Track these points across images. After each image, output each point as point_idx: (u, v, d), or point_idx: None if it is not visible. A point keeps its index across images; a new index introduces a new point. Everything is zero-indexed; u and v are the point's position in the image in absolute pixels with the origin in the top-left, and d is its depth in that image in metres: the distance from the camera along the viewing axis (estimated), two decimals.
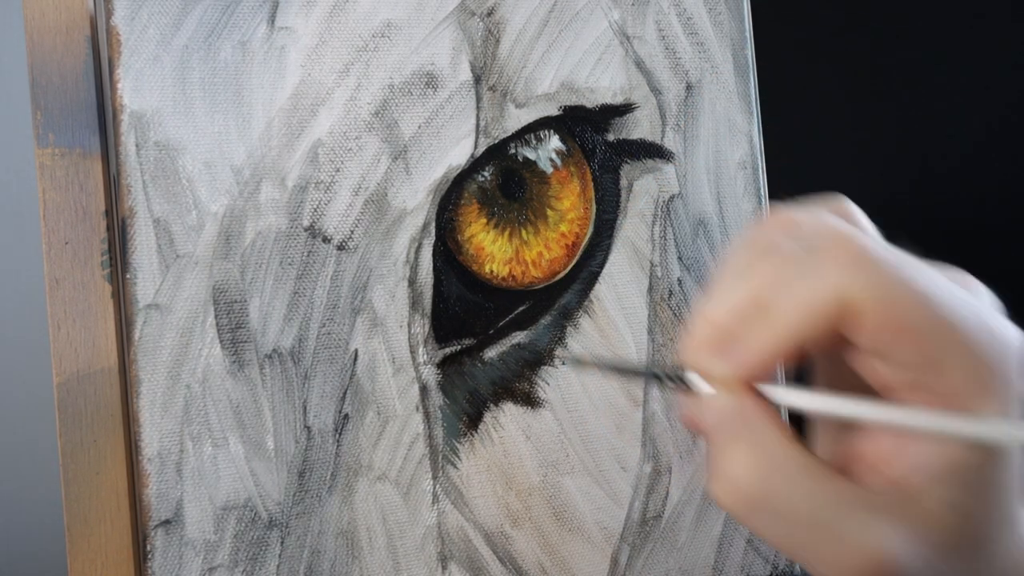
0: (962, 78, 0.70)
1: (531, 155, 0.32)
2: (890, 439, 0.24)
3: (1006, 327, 0.24)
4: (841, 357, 0.26)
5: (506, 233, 0.32)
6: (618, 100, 0.33)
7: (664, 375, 0.26)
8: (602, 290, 0.33)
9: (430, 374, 0.31)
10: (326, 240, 0.29)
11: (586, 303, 0.32)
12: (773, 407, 0.25)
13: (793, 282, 0.24)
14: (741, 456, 0.24)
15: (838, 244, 0.23)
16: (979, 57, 0.70)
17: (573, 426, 0.32)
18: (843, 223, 0.25)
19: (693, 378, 0.26)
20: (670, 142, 0.34)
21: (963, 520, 0.23)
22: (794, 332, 0.24)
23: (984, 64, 0.69)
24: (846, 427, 0.27)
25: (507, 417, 0.31)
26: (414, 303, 0.30)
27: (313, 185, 0.29)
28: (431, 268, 0.31)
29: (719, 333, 0.25)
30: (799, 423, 0.29)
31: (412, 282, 0.30)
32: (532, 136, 0.32)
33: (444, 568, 0.30)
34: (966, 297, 0.24)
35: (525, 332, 0.32)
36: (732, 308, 0.25)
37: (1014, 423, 0.23)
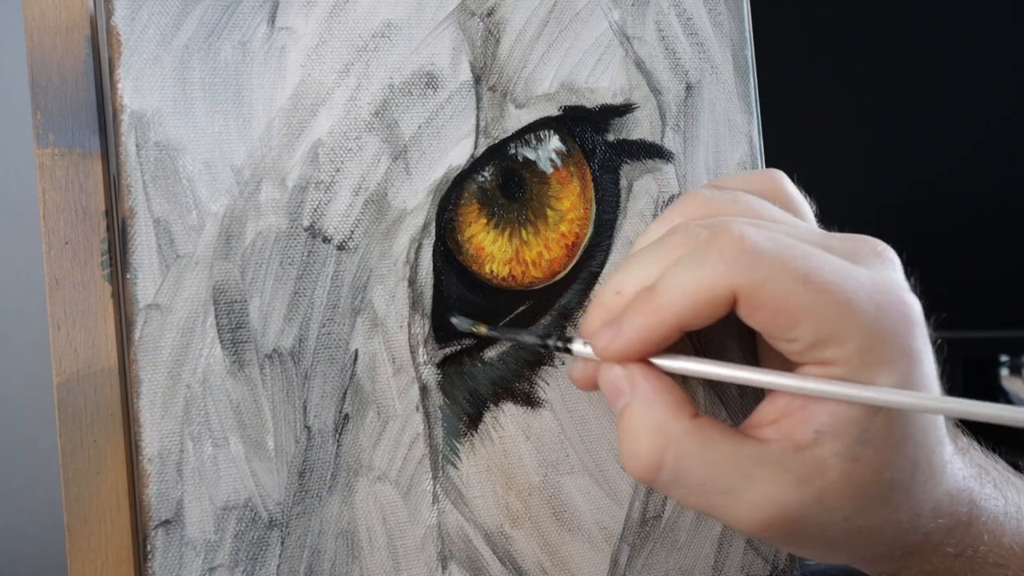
0: (962, 78, 0.70)
1: (531, 155, 0.32)
2: (795, 402, 0.25)
3: (901, 299, 0.25)
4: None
5: (506, 233, 0.32)
6: (618, 100, 0.33)
7: (554, 344, 0.28)
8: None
9: (430, 374, 0.31)
10: (326, 240, 0.29)
11: (586, 303, 0.32)
12: (668, 379, 0.26)
13: (680, 270, 0.25)
14: (639, 431, 0.25)
15: (726, 237, 0.24)
16: (980, 57, 0.70)
17: (573, 426, 0.32)
18: (752, 204, 0.27)
19: (584, 349, 0.27)
20: (670, 142, 0.34)
21: (863, 470, 0.24)
22: (676, 316, 0.25)
23: (985, 64, 0.69)
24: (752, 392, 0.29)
25: (507, 417, 0.31)
26: (414, 303, 0.30)
27: (313, 185, 0.29)
28: (431, 268, 0.31)
29: (610, 312, 0.27)
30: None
31: (412, 282, 0.30)
32: (532, 136, 0.32)
33: (444, 568, 0.30)
34: (857, 274, 0.24)
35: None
36: (624, 289, 0.27)
37: (908, 392, 0.24)
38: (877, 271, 0.25)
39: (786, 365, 0.26)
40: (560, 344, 0.28)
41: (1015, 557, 0.28)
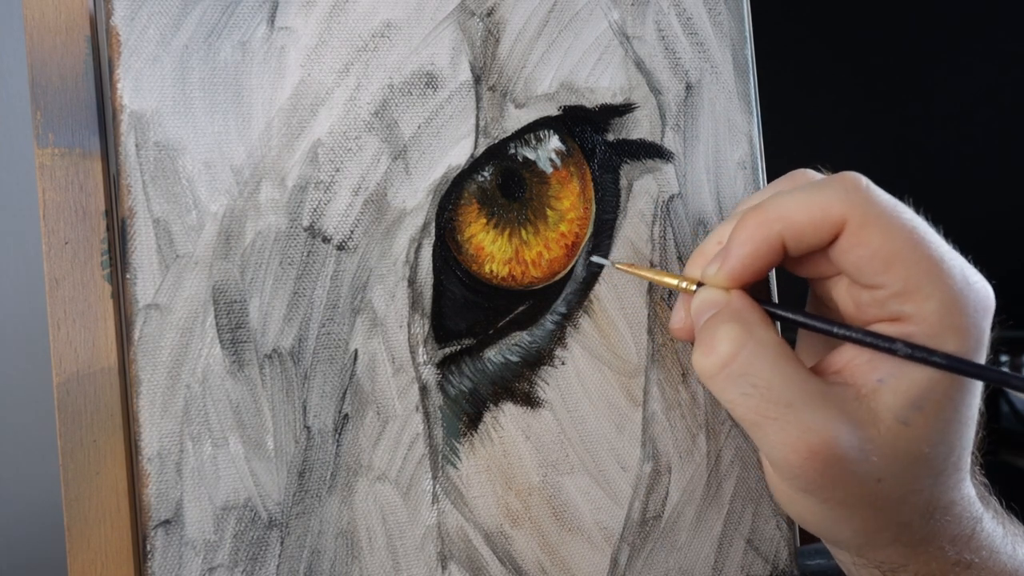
0: (963, 77, 0.70)
1: (531, 155, 0.32)
2: (862, 355, 0.26)
3: (985, 283, 0.26)
4: (823, 292, 0.29)
5: (506, 233, 0.32)
6: (618, 100, 0.33)
7: (693, 288, 0.29)
8: (602, 290, 0.33)
9: (430, 374, 0.31)
10: (326, 240, 0.29)
11: (586, 303, 0.32)
12: (760, 307, 0.27)
13: (794, 192, 0.26)
14: (730, 332, 0.26)
15: (844, 175, 0.26)
16: (980, 56, 0.70)
17: (573, 426, 0.32)
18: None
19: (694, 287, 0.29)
20: (670, 142, 0.34)
21: (909, 435, 0.25)
22: (781, 228, 0.26)
23: (985, 63, 0.69)
24: (827, 343, 0.30)
25: (507, 417, 0.31)
26: (414, 303, 0.30)
27: (313, 185, 0.29)
28: (431, 268, 0.31)
29: (709, 258, 0.29)
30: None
31: (412, 282, 0.30)
32: (532, 136, 0.32)
33: (444, 568, 0.30)
34: (952, 250, 0.26)
35: (525, 332, 0.32)
36: (726, 239, 0.28)
37: (971, 361, 0.25)
38: (969, 265, 0.27)
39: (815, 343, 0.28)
40: (684, 286, 0.29)
41: None
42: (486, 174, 0.32)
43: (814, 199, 0.26)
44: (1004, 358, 0.91)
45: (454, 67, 0.31)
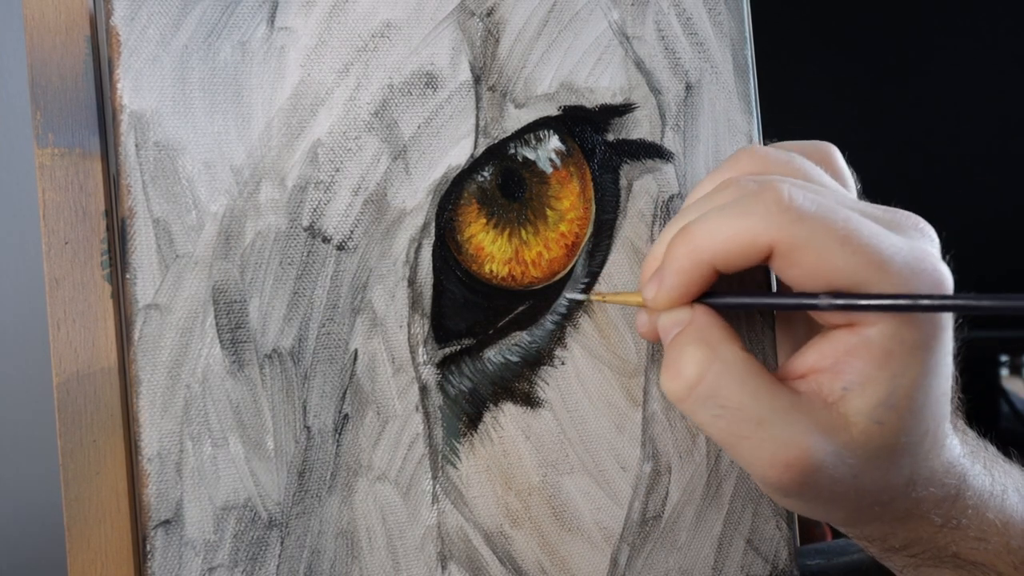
0: (963, 77, 0.70)
1: (531, 155, 0.32)
2: (824, 361, 0.26)
3: (935, 267, 0.26)
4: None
5: (506, 233, 0.32)
6: (618, 100, 0.33)
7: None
8: (602, 290, 0.33)
9: (430, 374, 0.31)
10: (326, 240, 0.29)
11: (586, 303, 0.32)
12: (720, 315, 0.27)
13: (720, 215, 0.26)
14: (695, 355, 0.26)
15: (773, 193, 0.25)
16: (981, 56, 0.69)
17: (573, 426, 0.32)
18: (805, 167, 0.28)
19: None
20: (670, 142, 0.34)
21: (884, 433, 0.25)
22: (710, 256, 0.26)
23: (986, 63, 0.69)
24: (798, 335, 0.30)
25: (507, 417, 0.31)
26: (414, 303, 0.30)
27: (313, 185, 0.29)
28: (431, 268, 0.31)
29: (658, 260, 0.28)
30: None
31: (412, 282, 0.30)
32: (532, 136, 0.32)
33: (444, 568, 0.30)
34: (894, 239, 0.25)
35: (525, 332, 0.32)
36: (664, 240, 0.28)
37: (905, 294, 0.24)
38: (915, 241, 0.26)
39: (810, 328, 0.28)
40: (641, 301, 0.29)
41: (996, 532, 0.29)
42: (486, 174, 0.32)
43: (738, 226, 0.25)
44: (1004, 358, 0.91)
45: (454, 67, 0.31)
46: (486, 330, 0.31)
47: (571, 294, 0.32)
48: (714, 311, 0.27)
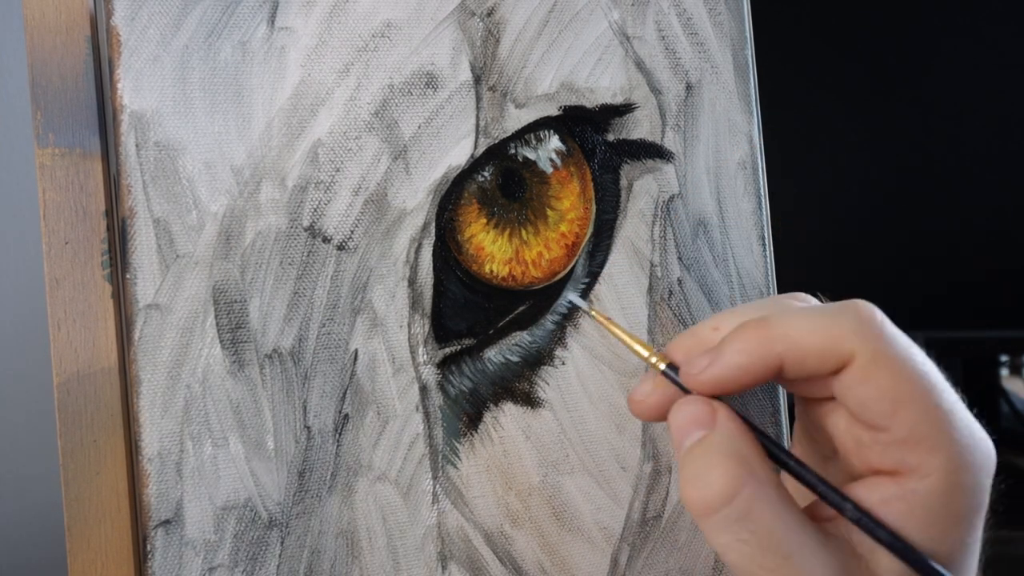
0: (963, 77, 0.70)
1: (531, 155, 0.32)
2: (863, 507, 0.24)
3: (988, 438, 0.24)
4: (817, 417, 0.27)
5: (506, 233, 0.32)
6: (618, 100, 0.33)
7: (661, 367, 0.27)
8: (602, 290, 0.33)
9: (430, 374, 0.31)
10: (326, 240, 0.29)
11: (586, 303, 0.32)
12: (753, 434, 0.25)
13: (803, 312, 0.24)
14: (729, 468, 0.23)
15: (857, 305, 0.24)
16: (981, 56, 0.69)
17: (573, 426, 0.32)
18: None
19: (675, 375, 0.26)
20: (670, 142, 0.34)
21: None
22: (783, 348, 0.24)
23: (986, 63, 0.69)
24: (827, 455, 0.27)
25: (507, 417, 0.31)
26: (414, 303, 0.30)
27: (313, 185, 0.29)
28: (431, 268, 0.31)
29: (703, 344, 0.26)
30: None
31: (412, 282, 0.30)
32: (532, 136, 0.32)
33: (444, 568, 0.30)
34: (960, 400, 0.24)
35: (525, 332, 0.32)
36: (723, 325, 0.26)
37: (919, 554, 0.23)
38: (974, 420, 0.25)
39: (843, 470, 0.25)
40: (655, 361, 0.27)
41: None
42: (486, 174, 0.32)
43: (824, 325, 0.24)
44: (1004, 358, 0.91)
45: (454, 67, 0.31)
46: (486, 330, 0.31)
47: (574, 298, 0.31)
48: (740, 419, 0.25)
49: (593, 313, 0.30)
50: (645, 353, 0.27)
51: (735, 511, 0.23)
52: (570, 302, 0.32)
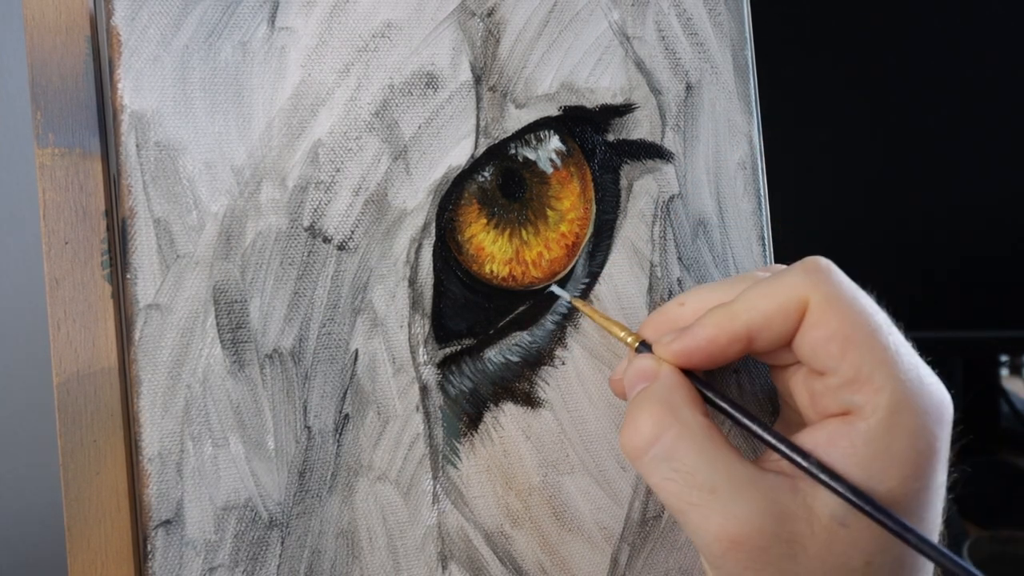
0: (963, 76, 0.70)
1: (531, 155, 0.32)
2: (809, 445, 0.25)
3: (939, 384, 0.25)
4: (781, 383, 0.29)
5: (506, 233, 0.32)
6: (618, 100, 0.33)
7: (635, 345, 0.29)
8: (602, 290, 0.33)
9: (430, 374, 0.31)
10: (326, 240, 0.29)
11: (567, 293, 0.32)
12: (691, 385, 0.27)
13: (760, 285, 0.26)
14: (654, 413, 0.25)
15: (806, 260, 0.26)
16: (981, 55, 0.70)
17: (573, 426, 0.32)
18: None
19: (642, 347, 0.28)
20: (670, 142, 0.34)
21: (845, 539, 0.24)
22: (747, 320, 0.26)
23: (985, 62, 0.69)
24: (798, 422, 0.29)
25: (507, 417, 0.31)
26: (414, 303, 0.30)
27: (313, 185, 0.29)
28: (431, 268, 0.31)
29: (672, 320, 0.28)
30: None
31: (412, 282, 0.30)
32: (532, 136, 0.32)
33: (444, 568, 0.30)
34: (907, 343, 0.25)
35: (526, 332, 0.32)
36: (688, 302, 0.28)
37: (879, 504, 0.23)
38: (924, 364, 0.25)
39: (789, 424, 0.27)
40: (630, 340, 0.29)
41: None
42: (486, 174, 0.32)
43: (779, 285, 0.25)
44: (1004, 358, 0.91)
45: (454, 67, 0.31)
46: (486, 330, 0.31)
47: (559, 291, 0.32)
48: (683, 375, 0.27)
49: (571, 300, 0.32)
50: (621, 333, 0.29)
51: (660, 451, 0.25)
52: (550, 292, 0.32)
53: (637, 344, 0.29)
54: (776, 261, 0.36)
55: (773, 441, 0.25)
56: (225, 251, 0.28)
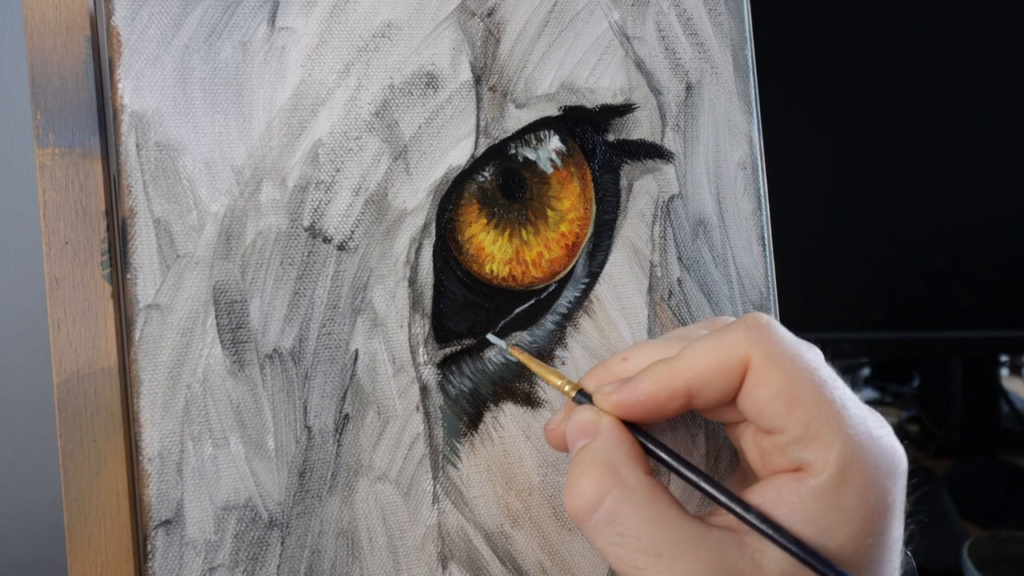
0: (963, 76, 0.70)
1: (531, 155, 0.32)
2: (756, 500, 0.24)
3: (891, 436, 0.24)
4: (733, 439, 0.28)
5: (506, 233, 0.32)
6: (618, 100, 0.33)
7: (573, 394, 0.28)
8: (602, 290, 0.33)
9: (430, 374, 0.31)
10: (326, 240, 0.29)
11: (586, 303, 0.32)
12: (633, 437, 0.26)
13: (702, 340, 0.26)
14: (595, 476, 0.25)
15: (747, 317, 0.25)
16: (980, 55, 0.70)
17: None
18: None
19: (582, 398, 0.28)
20: (670, 142, 0.34)
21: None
22: (688, 377, 0.25)
23: (984, 62, 0.69)
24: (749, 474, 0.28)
25: (507, 417, 0.31)
26: (414, 303, 0.30)
27: (313, 185, 0.29)
28: (431, 268, 0.31)
29: (614, 374, 0.28)
30: None
31: (412, 282, 0.30)
32: (532, 136, 0.32)
33: (444, 568, 0.30)
34: (858, 401, 0.25)
35: (526, 332, 0.32)
36: (632, 356, 0.28)
37: (820, 556, 0.23)
38: (875, 415, 0.25)
39: (745, 477, 0.26)
40: (567, 389, 0.29)
41: None
42: (486, 174, 0.32)
43: (719, 343, 0.25)
44: (1004, 358, 0.91)
45: (455, 67, 0.31)
46: (487, 330, 0.31)
47: (494, 339, 0.31)
48: (625, 429, 0.26)
49: (508, 348, 0.31)
50: (559, 382, 0.29)
51: (603, 516, 0.24)
52: (487, 339, 0.31)
53: (575, 393, 0.28)
54: (776, 261, 0.36)
55: (716, 493, 0.24)
56: (225, 251, 0.28)
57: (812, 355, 0.25)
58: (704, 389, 0.25)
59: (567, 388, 0.28)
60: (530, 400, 0.32)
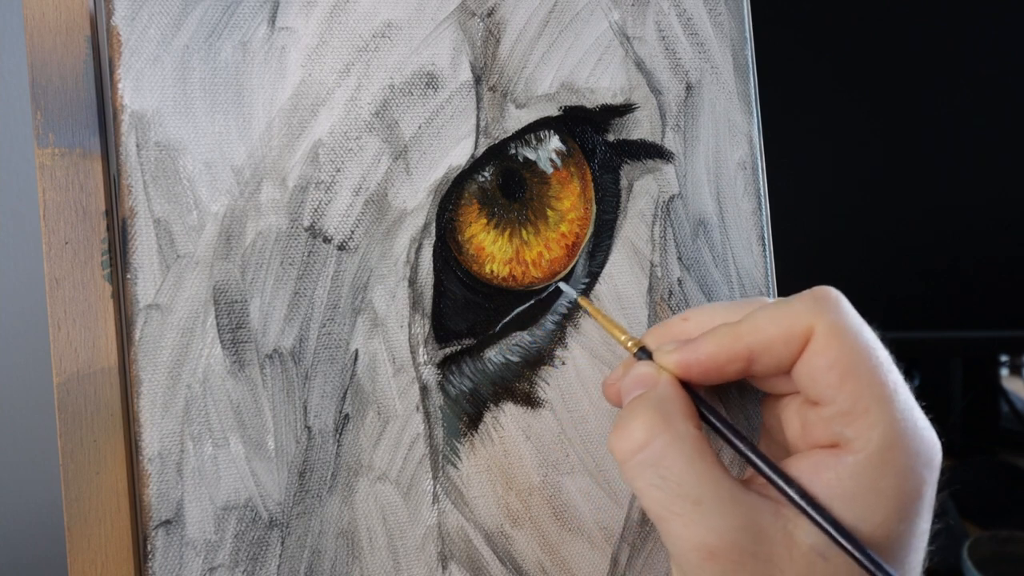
0: (963, 76, 0.70)
1: (531, 155, 0.32)
2: (794, 472, 0.25)
3: (931, 430, 0.25)
4: (773, 413, 0.29)
5: (506, 233, 0.32)
6: (618, 100, 0.33)
7: (635, 345, 0.29)
8: (602, 290, 0.33)
9: (430, 374, 0.31)
10: (327, 240, 0.29)
11: (575, 291, 0.32)
12: (687, 397, 0.27)
13: (768, 307, 0.26)
14: (647, 419, 0.25)
15: (819, 289, 0.26)
16: (980, 55, 0.70)
17: (573, 426, 0.32)
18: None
19: (642, 354, 0.28)
20: (670, 142, 0.34)
21: (826, 571, 0.24)
22: (750, 341, 0.26)
23: (984, 62, 0.69)
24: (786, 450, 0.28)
25: (507, 417, 0.31)
26: (414, 303, 0.30)
27: (313, 185, 0.29)
28: (431, 268, 0.31)
29: (674, 334, 0.28)
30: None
31: (412, 282, 0.30)
32: (532, 136, 0.32)
33: (444, 568, 0.30)
34: (906, 386, 0.25)
35: (526, 332, 0.32)
36: (692, 316, 0.29)
37: (858, 542, 0.23)
38: (920, 408, 0.25)
39: (774, 455, 0.27)
40: (630, 344, 0.29)
41: None
42: (487, 174, 0.32)
43: (785, 311, 0.25)
44: (1004, 358, 0.91)
45: (455, 67, 0.31)
46: (487, 330, 0.31)
47: (565, 288, 0.32)
48: (680, 386, 0.27)
49: (578, 298, 0.32)
50: (622, 337, 0.29)
51: (648, 456, 0.25)
52: (556, 288, 0.32)
53: (637, 350, 0.29)
54: (776, 261, 0.36)
55: (760, 464, 0.25)
56: (225, 251, 0.28)
57: (872, 335, 0.25)
58: (764, 355, 0.25)
59: (630, 344, 0.29)
60: (530, 400, 0.32)
